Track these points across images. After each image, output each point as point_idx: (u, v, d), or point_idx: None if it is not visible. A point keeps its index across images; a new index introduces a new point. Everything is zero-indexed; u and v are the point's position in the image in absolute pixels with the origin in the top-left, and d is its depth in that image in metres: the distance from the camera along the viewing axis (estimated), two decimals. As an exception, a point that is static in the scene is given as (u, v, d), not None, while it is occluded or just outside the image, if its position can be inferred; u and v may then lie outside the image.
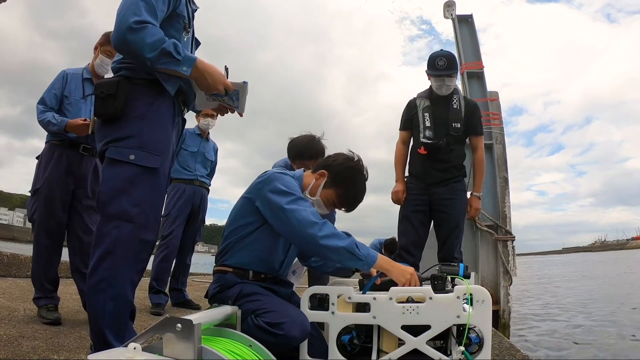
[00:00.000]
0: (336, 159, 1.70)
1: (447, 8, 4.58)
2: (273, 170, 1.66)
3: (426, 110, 2.82)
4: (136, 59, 1.37)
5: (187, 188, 3.26)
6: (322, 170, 1.68)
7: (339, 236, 1.45)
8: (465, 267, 1.66)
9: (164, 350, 1.01)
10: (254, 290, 1.52)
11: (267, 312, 1.42)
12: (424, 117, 2.81)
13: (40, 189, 2.36)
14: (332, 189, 1.66)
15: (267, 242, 1.59)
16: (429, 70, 2.80)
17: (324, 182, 1.66)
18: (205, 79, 1.42)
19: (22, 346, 1.75)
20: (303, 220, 1.44)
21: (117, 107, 1.37)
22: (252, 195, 1.59)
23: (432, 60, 2.78)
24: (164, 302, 3.09)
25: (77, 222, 2.41)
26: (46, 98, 2.40)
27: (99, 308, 1.33)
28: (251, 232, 1.59)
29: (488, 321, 1.44)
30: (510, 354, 2.23)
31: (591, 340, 4.68)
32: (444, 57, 2.74)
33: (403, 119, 2.99)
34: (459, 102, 2.81)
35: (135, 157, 1.36)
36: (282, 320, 1.38)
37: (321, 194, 1.66)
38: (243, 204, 1.63)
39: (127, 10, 1.31)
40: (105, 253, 1.33)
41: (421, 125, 2.80)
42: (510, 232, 3.96)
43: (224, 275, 1.59)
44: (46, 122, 2.33)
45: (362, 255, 1.47)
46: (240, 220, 1.61)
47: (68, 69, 2.51)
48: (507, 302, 3.86)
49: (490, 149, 4.11)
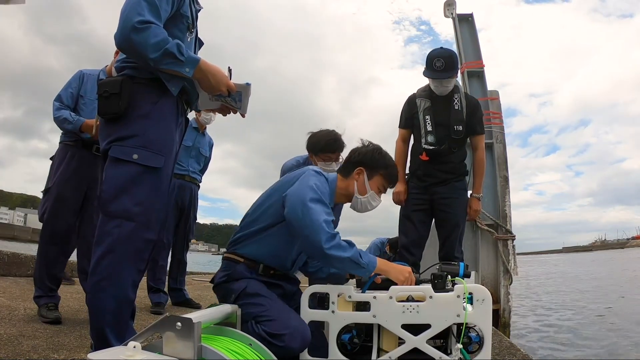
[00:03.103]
0: (359, 151, 1.78)
1: (448, 7, 4.57)
2: (311, 167, 1.69)
3: (427, 112, 2.74)
4: (139, 59, 1.36)
5: (176, 183, 3.18)
6: (358, 169, 1.74)
7: (344, 247, 1.48)
8: (465, 266, 1.66)
9: (164, 349, 1.01)
10: (258, 291, 1.53)
11: (269, 320, 1.43)
12: (425, 121, 2.73)
13: (51, 188, 2.36)
14: (376, 175, 1.74)
15: (283, 239, 1.60)
16: (426, 71, 2.70)
17: (366, 176, 1.73)
18: (208, 80, 1.42)
19: (23, 345, 1.75)
20: (317, 222, 1.46)
21: (120, 106, 1.37)
22: (284, 188, 1.61)
23: (430, 61, 2.66)
24: (164, 301, 3.09)
25: (87, 224, 2.41)
26: (63, 96, 2.41)
27: (99, 307, 1.33)
28: (271, 226, 1.60)
29: (488, 320, 1.44)
30: (510, 353, 2.23)
31: (591, 340, 4.68)
32: (441, 58, 2.62)
33: (403, 117, 2.91)
34: (460, 102, 2.73)
35: (139, 156, 1.37)
36: (283, 331, 1.40)
37: (370, 186, 1.73)
38: (271, 195, 1.65)
39: (131, 10, 1.30)
40: (107, 252, 1.33)
41: (422, 130, 2.74)
42: (511, 231, 3.95)
43: (234, 265, 1.60)
44: (62, 119, 2.34)
45: (364, 264, 1.51)
46: (264, 212, 1.63)
47: (85, 70, 2.52)
48: (508, 301, 3.86)
49: (490, 148, 4.10)
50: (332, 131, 2.59)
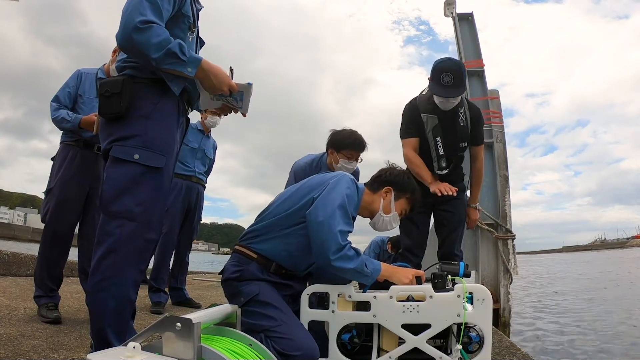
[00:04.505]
0: (391, 172, 1.80)
1: (448, 6, 4.57)
2: (346, 173, 1.70)
3: (437, 132, 2.56)
4: (141, 59, 1.36)
5: (184, 184, 3.25)
6: (387, 188, 1.75)
7: (350, 258, 1.47)
8: (465, 265, 1.66)
9: (163, 349, 1.01)
10: (271, 301, 1.51)
11: (281, 338, 1.42)
12: (436, 143, 2.57)
13: (53, 189, 2.36)
14: (403, 198, 1.77)
15: (303, 241, 1.57)
16: (433, 86, 2.43)
17: (394, 196, 1.75)
18: (210, 79, 1.42)
19: (22, 345, 1.75)
20: (333, 229, 1.46)
21: (121, 106, 1.36)
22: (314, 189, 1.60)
23: (437, 74, 2.38)
24: (164, 301, 3.09)
25: (88, 224, 2.41)
26: (60, 96, 2.40)
27: (100, 306, 1.33)
28: (293, 225, 1.59)
29: (488, 320, 1.44)
30: (510, 353, 2.23)
31: (592, 339, 4.68)
32: (450, 72, 2.34)
33: (408, 127, 2.65)
34: (465, 117, 2.56)
35: (140, 156, 1.36)
36: (295, 353, 1.39)
37: (395, 207, 1.75)
38: (297, 193, 1.64)
39: (133, 9, 1.30)
40: (108, 252, 1.33)
41: (433, 153, 2.60)
42: (511, 231, 3.95)
43: (246, 263, 1.58)
44: (60, 119, 2.34)
45: (369, 272, 1.51)
46: (288, 210, 1.60)
47: (83, 69, 2.52)
48: (508, 300, 3.86)
49: (490, 147, 4.10)
50: (355, 131, 2.60)
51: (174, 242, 3.24)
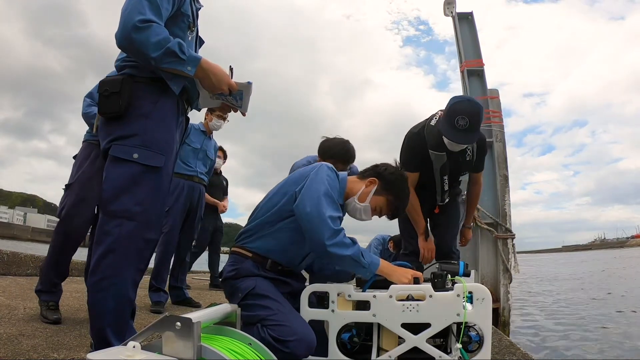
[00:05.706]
0: (387, 168, 1.75)
1: (448, 5, 4.57)
2: (324, 163, 1.69)
3: (444, 170, 2.45)
4: (141, 58, 1.36)
5: (186, 184, 3.26)
6: (372, 178, 1.71)
7: (346, 245, 1.47)
8: (465, 265, 1.66)
9: (163, 348, 1.00)
10: (267, 293, 1.52)
11: (277, 325, 1.43)
12: (443, 181, 2.49)
13: (72, 185, 2.36)
14: (383, 196, 1.70)
15: (294, 234, 1.58)
16: (444, 125, 2.21)
17: (375, 189, 1.69)
18: (209, 78, 1.42)
19: (22, 344, 1.75)
20: (322, 215, 1.46)
21: (121, 105, 1.36)
22: (297, 182, 1.60)
23: (452, 116, 2.15)
24: (163, 300, 3.09)
25: None
26: (94, 93, 2.41)
27: (100, 306, 1.32)
28: (281, 220, 1.59)
29: (488, 319, 1.44)
30: (510, 352, 2.23)
31: (592, 339, 4.68)
32: (466, 116, 2.11)
33: (412, 162, 2.45)
34: (472, 150, 2.46)
35: (139, 155, 1.36)
36: (290, 338, 1.40)
37: (372, 199, 1.69)
38: (282, 188, 1.64)
39: (132, 9, 1.30)
40: (107, 251, 1.33)
41: (439, 188, 2.53)
42: (510, 230, 3.96)
43: (242, 261, 1.59)
44: (92, 115, 2.36)
45: (366, 263, 1.51)
46: (275, 206, 1.61)
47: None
48: (507, 299, 3.87)
49: (490, 147, 4.10)
50: (346, 141, 2.57)
51: (176, 242, 3.24)
